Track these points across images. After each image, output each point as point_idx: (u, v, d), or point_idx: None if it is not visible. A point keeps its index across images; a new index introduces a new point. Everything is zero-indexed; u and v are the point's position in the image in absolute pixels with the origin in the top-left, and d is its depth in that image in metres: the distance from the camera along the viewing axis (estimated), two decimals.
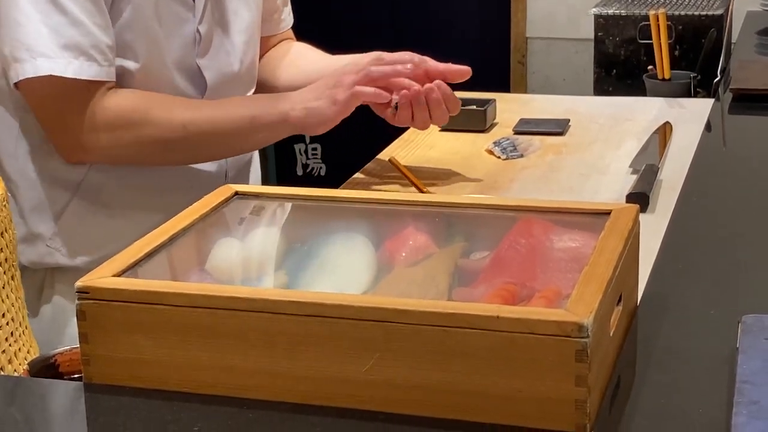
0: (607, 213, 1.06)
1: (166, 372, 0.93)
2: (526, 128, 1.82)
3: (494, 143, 1.73)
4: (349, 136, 3.42)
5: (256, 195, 1.17)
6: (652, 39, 2.13)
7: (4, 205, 1.29)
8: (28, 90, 1.48)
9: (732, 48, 2.36)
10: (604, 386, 0.92)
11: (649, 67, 2.18)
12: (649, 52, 2.20)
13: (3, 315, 1.26)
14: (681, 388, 0.95)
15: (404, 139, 1.80)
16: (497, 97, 1.91)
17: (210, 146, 1.56)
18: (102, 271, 0.96)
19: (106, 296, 0.93)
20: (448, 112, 1.56)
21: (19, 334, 1.30)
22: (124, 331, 0.93)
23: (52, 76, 1.44)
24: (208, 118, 1.53)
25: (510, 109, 1.93)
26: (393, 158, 1.62)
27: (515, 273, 1.03)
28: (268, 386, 0.91)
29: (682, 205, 1.44)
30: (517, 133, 1.81)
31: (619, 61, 2.34)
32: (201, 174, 1.61)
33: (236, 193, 1.16)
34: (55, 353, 1.07)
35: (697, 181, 1.53)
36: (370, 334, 0.88)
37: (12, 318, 1.28)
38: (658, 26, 2.12)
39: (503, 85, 3.50)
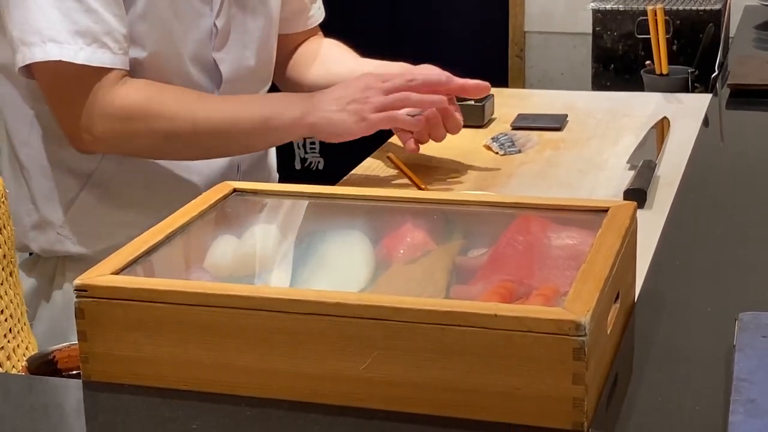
0: (604, 210, 1.06)
1: (165, 370, 0.93)
2: (524, 124, 1.82)
3: (492, 139, 1.73)
4: None
5: (254, 192, 1.17)
6: (649, 34, 2.13)
7: (2, 201, 1.29)
8: (39, 75, 1.47)
9: (730, 43, 2.36)
10: (601, 384, 0.92)
11: (647, 62, 2.18)
12: (646, 47, 2.21)
13: (1, 312, 1.27)
14: (678, 385, 0.95)
15: None
16: (495, 91, 1.91)
17: (221, 144, 1.54)
18: (100, 269, 0.96)
19: (104, 294, 0.93)
20: (449, 132, 1.57)
21: (18, 331, 1.30)
22: (123, 328, 0.93)
23: (61, 62, 1.43)
24: (221, 115, 1.51)
25: (508, 103, 1.93)
26: (391, 155, 1.62)
27: (513, 270, 1.03)
28: (267, 384, 0.91)
29: (680, 201, 1.44)
30: (515, 128, 1.81)
31: (617, 56, 2.34)
32: (212, 167, 1.61)
33: (234, 190, 1.16)
34: (53, 350, 1.07)
35: (694, 177, 1.54)
36: (368, 332, 0.88)
37: (10, 314, 1.28)
38: (656, 21, 2.12)
39: (501, 79, 3.49)
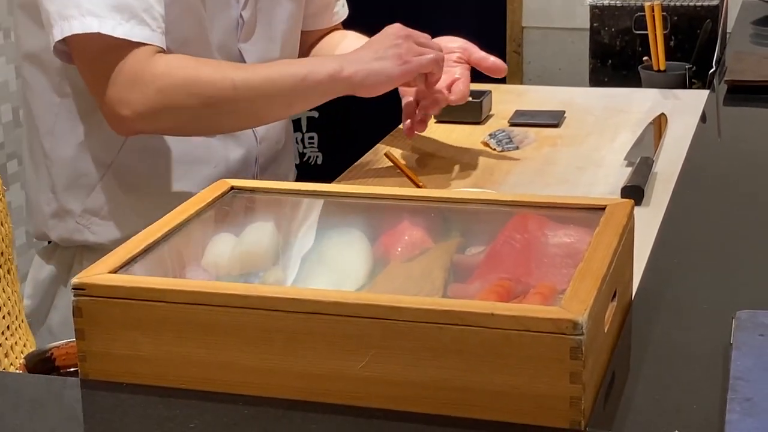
0: (602, 208, 1.06)
1: (163, 368, 0.93)
2: (522, 120, 1.82)
3: (490, 135, 1.73)
4: (345, 125, 3.43)
5: (252, 190, 1.17)
6: (647, 30, 2.13)
7: (0, 197, 1.29)
8: (76, 49, 1.45)
9: (727, 39, 2.36)
10: (598, 382, 0.92)
11: (645, 58, 2.18)
12: (644, 42, 2.20)
13: None
14: (675, 384, 0.95)
15: (400, 130, 1.80)
16: (493, 88, 1.91)
17: (261, 107, 1.51)
18: (98, 268, 0.96)
19: (102, 293, 0.93)
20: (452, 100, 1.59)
21: (15, 328, 1.30)
22: (121, 327, 0.93)
23: (100, 35, 1.41)
24: (260, 76, 1.48)
25: (506, 100, 1.94)
26: (389, 152, 1.62)
27: (510, 269, 1.04)
28: (265, 383, 0.92)
29: (677, 198, 1.44)
30: (512, 125, 1.81)
31: (615, 52, 2.34)
32: (231, 158, 1.61)
33: (232, 188, 1.16)
34: (51, 347, 1.07)
35: (691, 173, 1.54)
36: (366, 330, 0.88)
37: (8, 312, 1.28)
38: (654, 17, 2.12)
39: None
